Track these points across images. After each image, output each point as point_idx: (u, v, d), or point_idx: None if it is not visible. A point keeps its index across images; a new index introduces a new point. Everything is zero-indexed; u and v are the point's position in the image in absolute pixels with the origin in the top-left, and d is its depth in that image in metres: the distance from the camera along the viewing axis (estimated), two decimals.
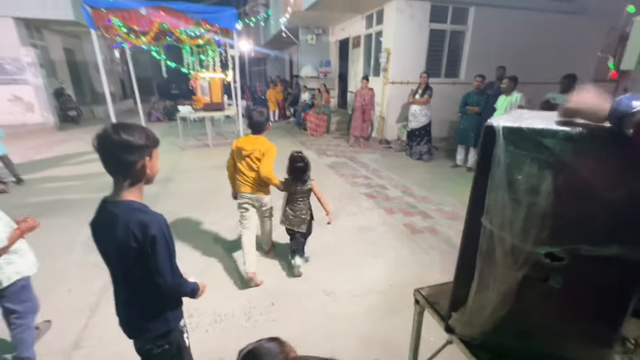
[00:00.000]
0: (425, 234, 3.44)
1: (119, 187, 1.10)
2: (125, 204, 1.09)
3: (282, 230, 2.85)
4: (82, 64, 13.25)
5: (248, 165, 2.52)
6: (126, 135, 1.03)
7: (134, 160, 1.06)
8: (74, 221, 3.70)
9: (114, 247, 1.12)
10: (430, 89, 5.99)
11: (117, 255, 1.14)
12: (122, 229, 1.06)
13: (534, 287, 0.81)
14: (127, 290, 1.21)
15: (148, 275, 1.11)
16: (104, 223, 1.12)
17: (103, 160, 1.06)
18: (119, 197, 1.10)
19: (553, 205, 0.73)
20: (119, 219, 1.07)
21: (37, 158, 6.51)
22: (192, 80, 7.76)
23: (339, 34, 10.44)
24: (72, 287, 2.54)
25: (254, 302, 2.40)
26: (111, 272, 1.21)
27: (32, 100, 8.91)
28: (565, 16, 7.89)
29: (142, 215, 1.08)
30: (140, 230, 1.05)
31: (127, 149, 1.04)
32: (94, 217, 1.17)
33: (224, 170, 2.80)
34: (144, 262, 1.09)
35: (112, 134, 1.03)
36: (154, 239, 1.07)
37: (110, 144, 1.03)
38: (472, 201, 0.89)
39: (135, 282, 1.16)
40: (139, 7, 5.80)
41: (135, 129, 1.07)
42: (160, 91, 21.65)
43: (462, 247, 0.94)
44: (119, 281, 1.21)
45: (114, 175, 1.10)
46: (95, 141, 1.04)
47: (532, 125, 0.74)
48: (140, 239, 1.06)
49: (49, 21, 9.53)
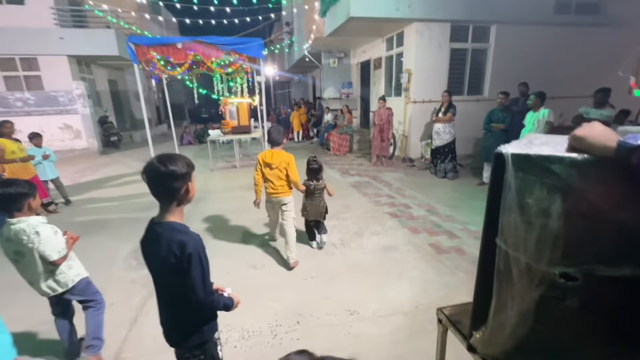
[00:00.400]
0: (451, 254, 3.38)
1: (164, 210, 1.25)
2: (168, 225, 1.23)
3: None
4: (123, 93, 14.47)
5: (276, 175, 3.11)
6: (172, 166, 1.18)
7: (179, 186, 1.21)
8: (114, 239, 3.99)
9: (157, 263, 1.26)
10: (454, 107, 5.99)
11: (159, 271, 1.28)
12: (164, 247, 1.19)
13: (552, 307, 0.84)
14: (167, 303, 1.33)
15: (185, 290, 1.22)
16: (150, 241, 1.27)
17: (151, 188, 1.21)
18: (163, 218, 1.25)
19: (564, 226, 0.77)
20: (162, 238, 1.20)
21: (83, 180, 7.09)
22: (222, 106, 8.24)
23: (360, 57, 10.75)
24: (114, 301, 2.73)
25: (279, 320, 2.46)
26: (155, 286, 1.35)
27: (79, 128, 9.82)
28: (592, 29, 7.71)
29: (182, 235, 1.21)
30: (179, 249, 1.18)
31: (173, 177, 1.18)
32: (143, 236, 1.32)
33: (251, 190, 3.38)
34: (181, 278, 1.20)
35: (159, 166, 1.17)
36: (190, 257, 1.18)
37: (158, 174, 1.17)
38: (486, 222, 0.94)
39: (174, 296, 1.28)
40: (175, 42, 6.37)
41: (177, 159, 1.22)
42: (191, 115, 23.03)
43: (480, 267, 0.98)
44: (162, 294, 1.33)
45: (160, 200, 1.25)
46: (144, 172, 1.20)
47: (540, 152, 0.80)
48: (179, 256, 1.18)
49: (97, 57, 10.61)
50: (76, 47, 9.77)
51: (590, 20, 7.75)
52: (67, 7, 10.02)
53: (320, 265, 3.23)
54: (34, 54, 9.61)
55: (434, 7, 6.74)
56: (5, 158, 4.23)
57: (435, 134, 6.20)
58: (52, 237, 1.82)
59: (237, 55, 6.65)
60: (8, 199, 1.70)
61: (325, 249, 3.54)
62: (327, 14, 8.28)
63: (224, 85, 8.82)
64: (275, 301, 2.68)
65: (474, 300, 1.01)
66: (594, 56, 7.68)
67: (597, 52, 7.71)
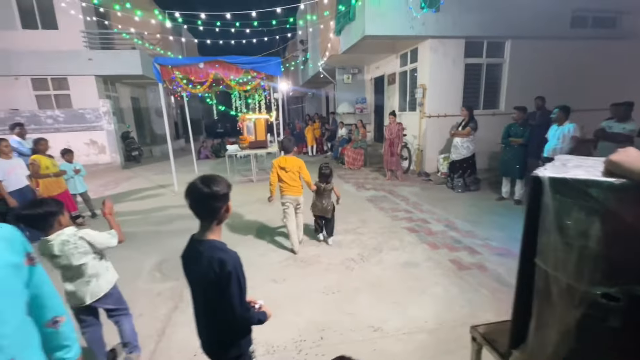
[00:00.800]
0: (473, 271, 3.33)
1: (205, 228, 1.32)
2: (209, 243, 1.30)
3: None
4: (144, 110, 15.08)
5: (290, 177, 3.74)
6: (215, 187, 1.26)
7: (220, 206, 1.29)
8: (138, 252, 4.12)
9: (197, 279, 1.33)
10: (474, 121, 5.94)
11: (200, 287, 1.35)
12: (204, 264, 1.26)
13: (594, 327, 0.85)
14: (206, 317, 1.39)
15: (223, 306, 1.28)
16: (192, 258, 1.34)
17: (194, 208, 1.29)
18: (204, 236, 1.32)
19: (604, 248, 0.80)
20: (203, 255, 1.27)
21: (107, 194, 7.36)
22: (240, 122, 8.49)
23: (374, 72, 10.94)
24: (142, 313, 2.81)
25: (303, 335, 2.48)
26: (194, 301, 1.42)
27: (104, 143, 10.26)
28: (609, 42, 7.67)
29: (222, 253, 1.28)
30: (219, 267, 1.24)
31: (215, 198, 1.26)
32: (185, 251, 1.40)
33: (267, 204, 4.16)
34: (219, 294, 1.26)
35: (202, 187, 1.25)
36: (229, 275, 1.24)
37: (202, 195, 1.25)
38: (524, 242, 0.97)
39: (213, 311, 1.33)
40: (198, 62, 6.67)
41: (219, 181, 1.30)
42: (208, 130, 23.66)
43: (518, 285, 1.01)
44: (200, 309, 1.40)
45: (202, 219, 1.32)
46: (188, 194, 1.28)
47: (576, 176, 0.84)
48: (218, 273, 1.24)
49: (122, 76, 11.16)
50: (103, 67, 10.34)
51: (607, 34, 7.72)
52: (96, 31, 10.66)
53: (341, 280, 3.24)
54: (64, 74, 10.22)
55: (448, 24, 6.86)
56: (40, 173, 4.48)
57: (453, 147, 6.19)
58: (94, 231, 2.00)
59: (255, 73, 6.91)
60: (39, 218, 1.77)
61: (345, 264, 3.56)
62: (342, 32, 8.53)
63: (242, 101, 9.11)
64: (297, 315, 2.70)
65: (513, 318, 1.03)
66: (611, 69, 7.62)
67: (614, 65, 7.65)
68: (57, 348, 1.15)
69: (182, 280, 3.23)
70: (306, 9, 11.48)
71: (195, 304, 1.42)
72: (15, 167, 4.22)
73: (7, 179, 4.07)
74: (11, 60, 9.56)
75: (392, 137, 7.17)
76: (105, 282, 2.07)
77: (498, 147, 6.13)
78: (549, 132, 4.85)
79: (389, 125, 7.29)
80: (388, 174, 7.50)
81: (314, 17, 9.84)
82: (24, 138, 5.98)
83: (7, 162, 4.10)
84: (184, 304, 2.93)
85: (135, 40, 10.59)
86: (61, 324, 1.15)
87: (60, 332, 1.14)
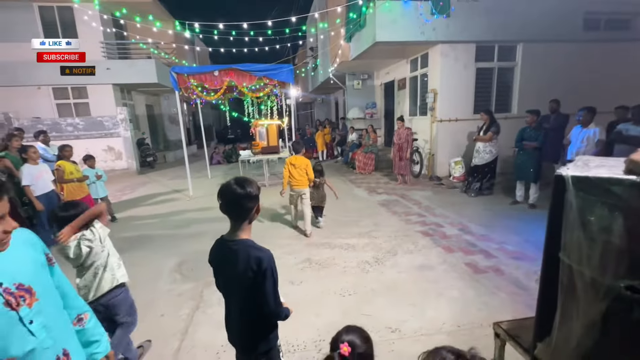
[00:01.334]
0: (489, 274, 3.33)
1: (236, 228, 1.38)
2: (243, 242, 1.37)
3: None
4: (158, 116, 15.46)
5: (299, 173, 4.52)
6: (248, 188, 1.33)
7: (253, 206, 1.37)
8: (157, 254, 4.24)
9: (235, 278, 1.36)
10: (496, 125, 5.91)
11: (235, 284, 1.38)
12: (242, 263, 1.32)
13: (619, 320, 0.89)
14: (241, 313, 1.43)
15: (258, 302, 1.34)
16: (226, 258, 1.38)
17: (228, 208, 1.35)
18: (236, 236, 1.38)
19: (627, 243, 0.85)
20: (239, 254, 1.33)
21: (124, 199, 7.57)
22: (253, 128, 8.64)
23: (384, 78, 11.02)
24: (164, 313, 2.90)
25: (322, 335, 2.52)
26: (227, 298, 1.48)
27: (121, 150, 10.56)
28: (623, 44, 7.58)
29: (257, 251, 1.34)
30: (256, 264, 1.30)
31: (249, 198, 1.34)
32: (215, 253, 1.45)
33: (280, 207, 5.28)
34: (255, 290, 1.32)
35: (236, 188, 1.32)
36: (265, 272, 1.30)
37: (236, 196, 1.32)
38: (548, 237, 1.01)
39: (248, 307, 1.38)
40: (212, 70, 6.86)
41: (251, 182, 1.37)
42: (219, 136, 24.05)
43: (542, 280, 1.05)
44: (235, 306, 1.45)
45: (234, 219, 1.38)
46: (221, 194, 1.34)
47: (599, 174, 0.88)
48: (255, 271, 1.30)
49: (138, 84, 11.50)
50: (120, 76, 10.69)
51: (621, 35, 7.64)
52: (114, 42, 11.05)
53: (357, 282, 3.28)
54: (84, 83, 10.59)
55: (459, 29, 6.91)
56: (65, 178, 4.66)
57: (476, 152, 6.15)
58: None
59: (268, 80, 7.07)
60: (71, 220, 1.84)
61: (360, 267, 3.60)
62: (352, 39, 8.65)
63: (254, 108, 9.28)
64: (316, 316, 2.75)
65: (537, 312, 1.07)
66: (625, 71, 7.52)
67: (629, 67, 7.54)
68: (86, 344, 1.20)
69: (202, 281, 3.37)
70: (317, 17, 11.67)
71: (228, 302, 1.48)
72: (42, 172, 4.42)
73: (35, 184, 4.26)
74: (34, 71, 9.98)
75: (400, 142, 7.20)
76: (112, 275, 2.03)
77: (511, 151, 6.10)
78: (572, 135, 4.81)
79: (397, 130, 7.33)
80: (399, 178, 7.52)
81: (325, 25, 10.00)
82: (47, 145, 6.24)
83: (35, 167, 4.29)
84: (204, 304, 3.01)
85: (151, 50, 10.93)
86: (86, 320, 1.21)
87: (87, 329, 1.20)
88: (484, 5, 6.79)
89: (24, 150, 4.34)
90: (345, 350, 0.98)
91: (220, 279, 1.46)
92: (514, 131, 5.68)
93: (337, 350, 0.99)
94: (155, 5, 11.37)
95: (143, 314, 2.77)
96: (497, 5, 6.84)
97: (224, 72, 6.81)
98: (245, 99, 9.07)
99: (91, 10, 9.15)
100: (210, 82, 6.95)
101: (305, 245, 4.29)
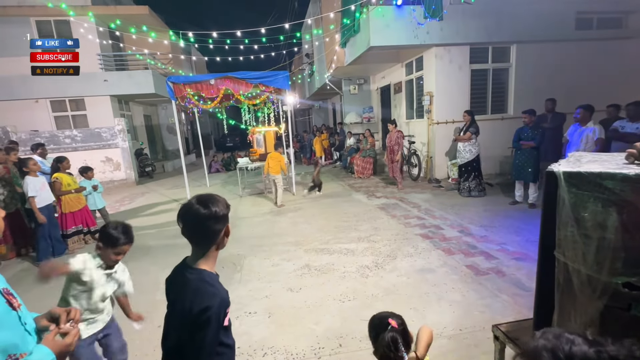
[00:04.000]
0: (491, 276, 3.29)
1: (199, 255, 1.17)
2: (198, 273, 1.14)
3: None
4: (156, 126, 15.51)
5: (274, 164, 6.35)
6: (214, 207, 1.12)
7: (221, 228, 1.15)
8: (155, 265, 4.20)
9: (177, 308, 1.16)
10: (474, 126, 5.99)
11: (177, 316, 1.17)
12: (189, 295, 1.10)
13: (617, 317, 0.87)
14: (172, 346, 1.17)
15: (190, 346, 1.09)
16: (177, 284, 1.19)
17: (189, 232, 1.14)
18: (197, 264, 1.17)
19: (623, 238, 0.83)
20: (190, 286, 1.12)
21: (122, 209, 7.54)
22: (250, 135, 8.66)
23: (379, 82, 11.07)
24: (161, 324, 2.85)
25: (322, 343, 2.48)
26: (165, 329, 1.24)
27: (119, 160, 10.55)
28: (616, 42, 7.63)
29: (210, 290, 1.11)
30: (202, 303, 1.07)
31: (216, 219, 1.12)
32: (171, 275, 1.25)
33: (279, 215, 5.82)
34: (192, 330, 1.09)
35: (199, 208, 1.11)
36: (209, 319, 1.07)
37: (200, 218, 1.10)
38: (542, 236, 0.99)
39: (182, 347, 1.12)
40: (208, 79, 6.89)
41: (217, 200, 1.15)
42: (217, 145, 24.11)
43: (538, 279, 1.03)
44: (170, 340, 1.20)
45: (197, 244, 1.17)
46: (181, 216, 1.13)
47: (591, 169, 0.87)
48: (198, 311, 1.07)
49: (135, 95, 11.56)
50: (118, 87, 10.74)
51: (614, 34, 7.70)
52: (111, 53, 11.13)
53: (357, 288, 3.24)
54: (81, 95, 10.65)
55: (452, 32, 6.96)
56: (62, 190, 4.65)
57: (457, 152, 6.24)
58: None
59: (264, 87, 7.10)
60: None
61: (360, 272, 3.56)
62: (347, 44, 8.72)
63: (251, 115, 9.31)
64: (315, 324, 2.71)
65: (535, 312, 1.04)
66: (619, 69, 7.56)
67: (622, 64, 7.59)
68: None
69: None
70: (312, 23, 11.78)
71: (164, 334, 1.24)
72: (44, 184, 4.40)
73: (39, 195, 4.24)
74: (32, 84, 10.03)
75: (391, 145, 7.21)
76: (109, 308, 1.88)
77: (509, 151, 6.11)
78: (569, 133, 4.80)
79: (389, 133, 7.35)
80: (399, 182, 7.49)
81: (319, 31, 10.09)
82: (45, 158, 6.23)
83: (36, 179, 4.27)
84: None
85: (148, 61, 11.00)
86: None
87: None
88: (476, 7, 6.85)
89: (23, 163, 4.33)
90: (395, 323, 1.21)
91: (168, 302, 1.25)
92: (511, 132, 5.68)
93: (389, 326, 1.19)
94: (150, 16, 11.48)
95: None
96: (490, 7, 6.90)
97: (220, 81, 6.84)
98: (242, 106, 9.10)
99: (87, 23, 9.23)
100: (207, 91, 6.98)
101: (304, 251, 4.25)
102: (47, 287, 1.90)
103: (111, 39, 11.18)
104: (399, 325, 1.21)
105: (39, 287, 3.81)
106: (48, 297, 3.41)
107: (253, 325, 2.76)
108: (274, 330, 2.68)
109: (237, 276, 3.69)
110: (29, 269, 4.42)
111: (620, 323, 0.87)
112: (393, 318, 1.25)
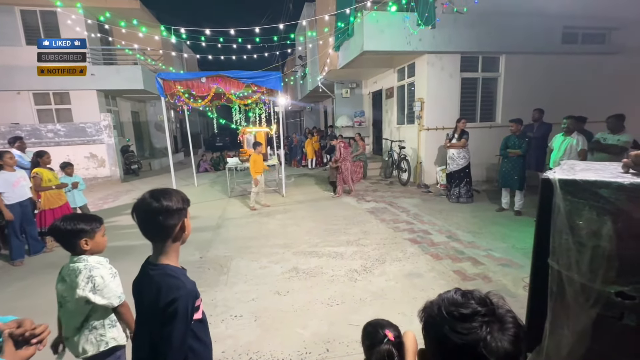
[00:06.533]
0: (478, 281, 3.32)
1: (158, 251, 1.15)
2: (161, 268, 1.13)
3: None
4: (144, 123, 15.18)
5: (252, 164, 6.31)
6: (166, 201, 1.08)
7: (174, 223, 1.11)
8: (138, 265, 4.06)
9: (145, 307, 1.15)
10: (467, 133, 6.11)
11: (146, 315, 1.16)
12: (154, 292, 1.08)
13: (610, 326, 0.87)
14: (147, 350, 1.14)
15: (161, 342, 1.07)
16: (142, 282, 1.17)
17: (143, 227, 1.11)
18: (158, 260, 1.14)
19: (617, 246, 0.83)
20: (154, 281, 1.10)
21: (106, 207, 7.32)
22: (241, 135, 8.56)
23: (371, 87, 11.15)
24: None
25: (309, 347, 2.44)
26: (136, 330, 1.24)
27: (104, 157, 10.27)
28: (599, 57, 7.92)
29: (174, 282, 1.10)
30: (167, 296, 1.06)
31: (169, 213, 1.09)
32: (137, 276, 1.21)
33: (268, 217, 5.38)
34: (160, 326, 1.07)
35: (151, 201, 1.08)
36: (176, 311, 1.05)
37: (152, 211, 1.07)
38: (536, 244, 0.99)
39: (153, 345, 1.10)
40: (200, 77, 6.78)
41: (172, 194, 1.13)
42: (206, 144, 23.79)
43: (532, 286, 1.02)
44: (142, 339, 1.18)
45: (154, 241, 1.14)
46: (134, 210, 1.09)
47: (586, 177, 0.87)
48: (164, 304, 1.06)
49: (123, 91, 11.29)
50: (105, 82, 10.47)
51: (598, 49, 7.98)
52: (99, 47, 10.85)
53: (345, 292, 3.21)
54: (66, 89, 10.33)
55: (444, 40, 7.07)
56: (42, 186, 4.47)
57: (450, 159, 6.28)
58: (110, 281, 1.58)
59: (256, 87, 7.03)
60: (63, 235, 1.53)
61: (348, 276, 3.53)
62: (340, 48, 8.75)
63: (242, 115, 9.21)
64: (303, 328, 2.66)
65: (527, 320, 1.04)
66: (602, 83, 7.85)
67: (606, 79, 7.88)
68: None
69: None
70: (306, 25, 11.79)
71: (136, 334, 1.25)
72: (20, 179, 4.22)
73: (11, 191, 4.06)
74: (14, 76, 9.68)
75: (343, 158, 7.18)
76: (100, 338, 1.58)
77: (496, 159, 6.22)
78: (554, 142, 4.90)
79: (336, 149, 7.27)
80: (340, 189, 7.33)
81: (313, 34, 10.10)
82: (23, 152, 5.99)
83: (11, 174, 4.09)
84: None
85: (137, 56, 10.77)
86: None
87: None
88: (468, 17, 6.99)
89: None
90: (392, 336, 1.15)
91: (135, 303, 1.21)
92: (499, 140, 5.79)
93: (386, 339, 1.13)
94: (142, 10, 11.26)
95: None
96: (481, 18, 7.05)
97: (211, 79, 6.75)
98: (233, 106, 9.00)
99: (75, 15, 8.98)
100: (198, 89, 6.88)
101: (293, 254, 4.20)
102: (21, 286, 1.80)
103: (100, 32, 10.89)
104: (396, 337, 1.15)
105: (14, 286, 3.64)
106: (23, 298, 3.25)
107: (239, 329, 2.69)
108: (260, 334, 2.62)
109: (223, 278, 3.61)
110: (2, 267, 4.23)
111: (613, 332, 0.87)
112: (390, 329, 1.18)
